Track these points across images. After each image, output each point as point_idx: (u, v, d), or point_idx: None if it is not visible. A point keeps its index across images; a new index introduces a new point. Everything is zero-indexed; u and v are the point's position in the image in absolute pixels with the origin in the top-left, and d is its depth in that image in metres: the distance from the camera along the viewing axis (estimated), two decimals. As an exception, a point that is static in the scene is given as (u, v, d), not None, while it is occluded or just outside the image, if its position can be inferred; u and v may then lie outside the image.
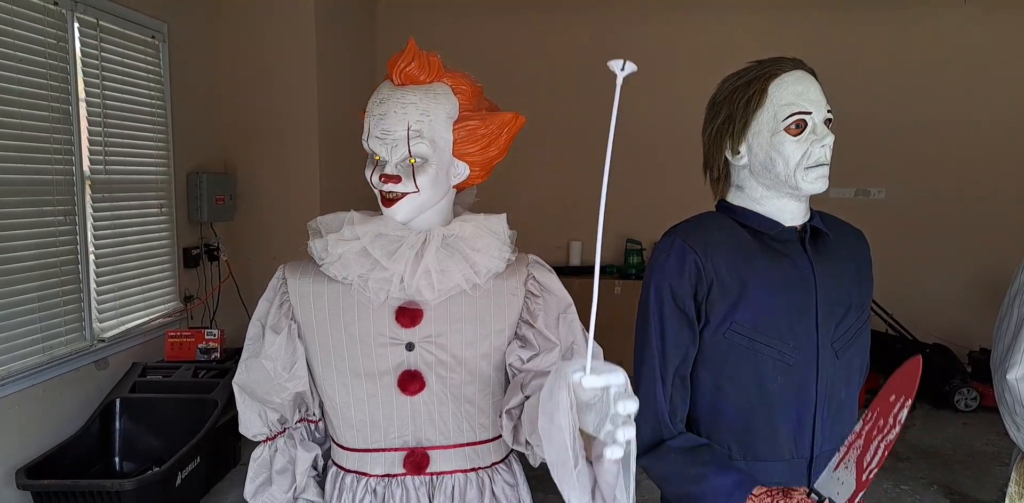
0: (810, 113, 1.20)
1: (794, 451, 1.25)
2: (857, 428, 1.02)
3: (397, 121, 1.12)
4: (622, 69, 0.77)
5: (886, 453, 0.98)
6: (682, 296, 1.22)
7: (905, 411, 0.98)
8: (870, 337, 1.34)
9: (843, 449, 1.03)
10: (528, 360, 1.20)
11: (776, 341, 1.19)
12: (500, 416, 1.20)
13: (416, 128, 1.13)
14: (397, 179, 1.14)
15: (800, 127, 1.20)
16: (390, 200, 1.17)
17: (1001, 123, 5.19)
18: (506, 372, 1.25)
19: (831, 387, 1.24)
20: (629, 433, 0.75)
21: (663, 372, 1.23)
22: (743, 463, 1.24)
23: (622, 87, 0.77)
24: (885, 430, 0.99)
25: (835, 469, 1.02)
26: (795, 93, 1.20)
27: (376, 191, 1.19)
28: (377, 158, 1.17)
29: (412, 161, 1.15)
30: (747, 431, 1.24)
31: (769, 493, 1.10)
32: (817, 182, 1.21)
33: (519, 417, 1.14)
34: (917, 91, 5.22)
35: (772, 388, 1.22)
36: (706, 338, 1.23)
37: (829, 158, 1.21)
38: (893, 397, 0.99)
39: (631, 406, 0.75)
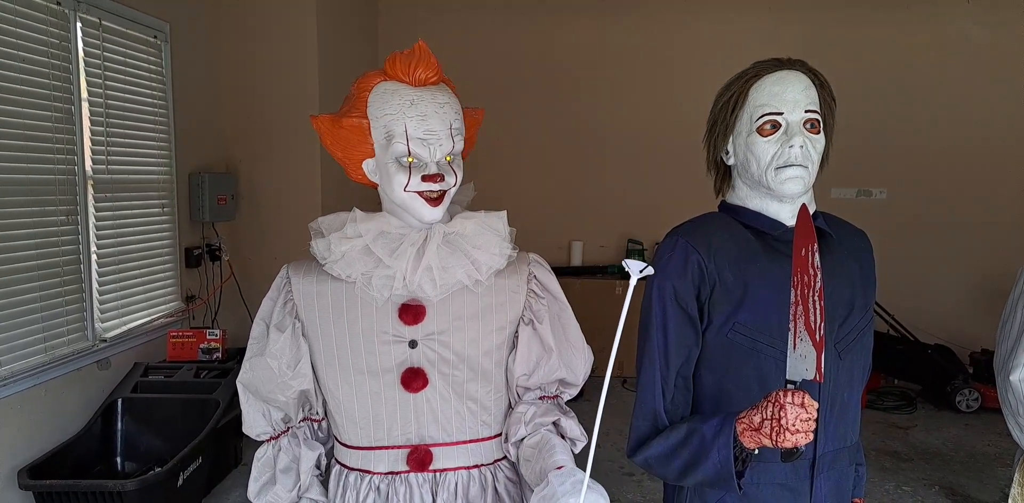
0: (782, 113, 1.19)
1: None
2: (792, 298, 1.04)
3: (439, 121, 1.16)
4: (640, 272, 0.83)
5: (822, 302, 1.03)
6: (685, 296, 1.22)
7: (817, 255, 1.04)
8: (873, 338, 1.34)
9: (791, 327, 1.03)
10: (531, 375, 1.25)
11: (779, 341, 1.19)
12: (505, 442, 1.26)
13: (456, 126, 1.18)
14: (442, 177, 1.16)
15: (775, 128, 1.20)
16: (436, 199, 1.17)
17: (1003, 123, 5.18)
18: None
19: (834, 388, 1.24)
20: None
21: (665, 372, 1.23)
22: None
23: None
24: (812, 282, 1.03)
25: (794, 349, 1.03)
26: (770, 94, 1.20)
27: (410, 194, 1.17)
28: (410, 161, 1.16)
29: (448, 159, 1.18)
30: (750, 431, 1.23)
31: (753, 406, 1.09)
32: (788, 183, 1.19)
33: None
34: (919, 91, 5.22)
35: (774, 389, 1.21)
36: (709, 339, 1.23)
37: (805, 159, 1.18)
38: (803, 251, 1.04)
39: None
